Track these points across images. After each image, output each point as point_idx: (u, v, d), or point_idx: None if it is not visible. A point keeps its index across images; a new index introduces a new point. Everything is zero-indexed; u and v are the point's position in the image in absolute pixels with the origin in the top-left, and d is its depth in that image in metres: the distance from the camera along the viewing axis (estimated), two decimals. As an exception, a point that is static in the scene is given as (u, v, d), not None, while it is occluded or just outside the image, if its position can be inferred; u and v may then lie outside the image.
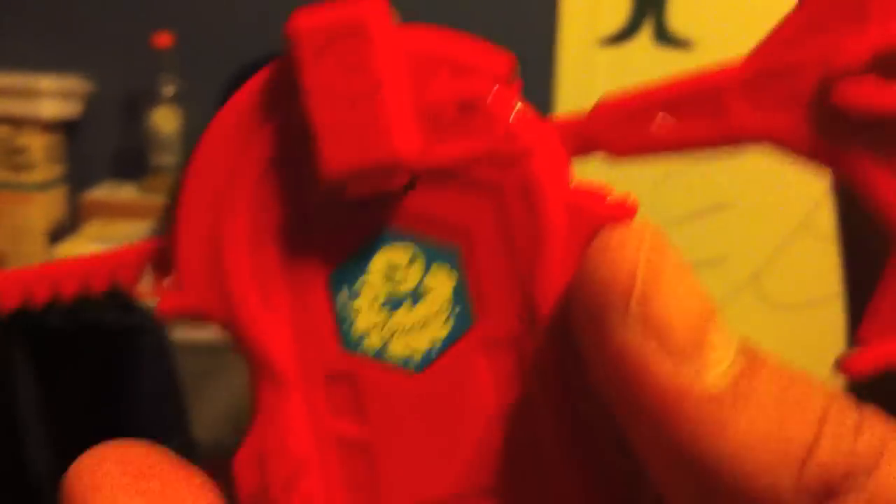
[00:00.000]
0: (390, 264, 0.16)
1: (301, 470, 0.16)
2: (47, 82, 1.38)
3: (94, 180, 1.43)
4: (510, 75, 0.16)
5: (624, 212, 0.16)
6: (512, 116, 0.16)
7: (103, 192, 1.41)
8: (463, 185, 0.16)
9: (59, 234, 1.38)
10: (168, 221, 0.17)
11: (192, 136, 1.34)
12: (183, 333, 1.17)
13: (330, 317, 0.17)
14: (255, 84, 0.17)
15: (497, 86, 0.16)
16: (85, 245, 1.32)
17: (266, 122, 0.16)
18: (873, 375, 0.16)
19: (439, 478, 0.16)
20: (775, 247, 1.40)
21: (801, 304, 1.39)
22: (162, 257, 0.17)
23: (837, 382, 0.16)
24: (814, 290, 1.36)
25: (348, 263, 0.17)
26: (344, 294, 0.17)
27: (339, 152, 0.16)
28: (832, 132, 0.16)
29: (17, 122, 1.37)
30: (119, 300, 1.13)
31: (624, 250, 0.15)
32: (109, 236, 1.34)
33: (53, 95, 1.39)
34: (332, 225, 0.17)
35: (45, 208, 1.38)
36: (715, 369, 0.14)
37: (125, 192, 1.42)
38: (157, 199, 1.33)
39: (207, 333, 1.20)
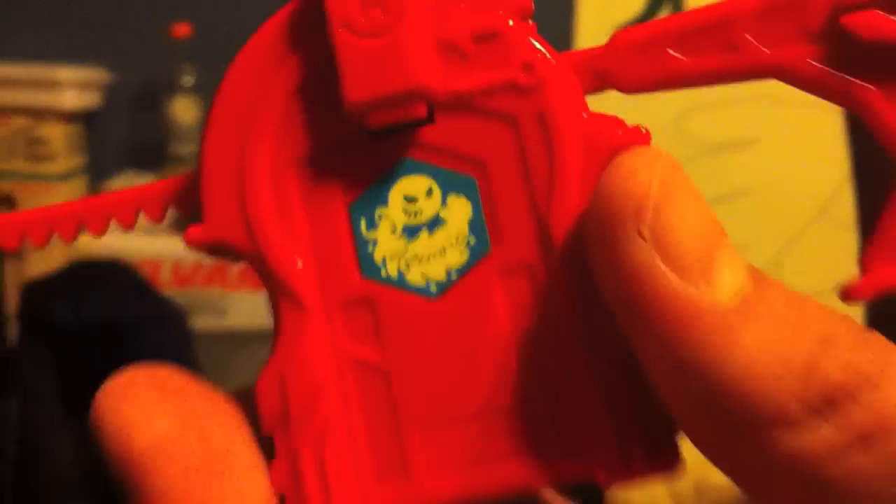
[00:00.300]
0: (408, 194, 0.17)
1: (321, 392, 0.17)
2: (67, 73, 1.38)
3: (114, 171, 1.43)
4: (528, 10, 0.17)
5: (638, 139, 0.16)
6: (528, 49, 0.17)
7: (123, 183, 1.41)
8: (479, 117, 0.17)
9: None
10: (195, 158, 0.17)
11: (210, 127, 1.35)
12: (203, 322, 1.17)
13: (350, 245, 0.17)
14: (280, 17, 0.17)
15: (514, 19, 0.17)
16: (106, 236, 1.32)
17: (291, 55, 0.17)
18: (874, 300, 0.16)
19: (454, 400, 0.17)
20: (794, 234, 1.40)
21: (820, 292, 1.39)
22: (185, 193, 0.18)
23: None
24: (832, 277, 1.36)
25: (368, 194, 0.17)
26: (363, 223, 0.17)
27: (362, 81, 0.16)
28: (840, 64, 0.16)
29: (37, 113, 1.38)
30: (139, 289, 1.13)
31: (637, 172, 0.15)
32: (129, 226, 1.35)
33: (73, 86, 1.39)
34: (353, 157, 0.17)
35: (66, 198, 1.38)
36: (723, 286, 0.15)
37: (144, 183, 1.42)
38: (177, 189, 1.33)
39: (228, 322, 1.20)
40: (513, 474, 0.17)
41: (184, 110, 1.40)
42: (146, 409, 0.16)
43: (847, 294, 0.17)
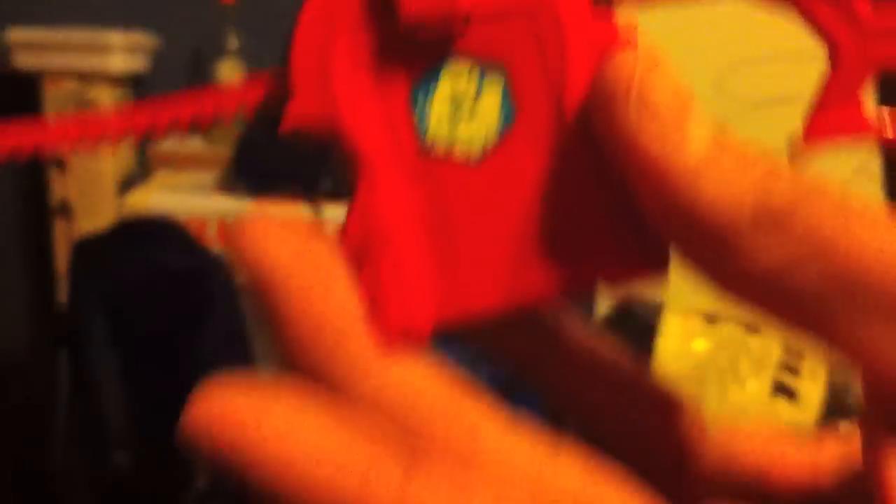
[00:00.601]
0: (455, 83, 0.22)
1: (392, 229, 0.21)
2: (116, 37, 1.42)
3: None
4: None
5: (628, 35, 0.21)
6: None
7: (171, 144, 1.45)
8: (506, 25, 0.21)
9: (128, 184, 1.43)
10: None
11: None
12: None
13: (410, 123, 0.22)
14: None
15: None
16: (154, 194, 1.36)
17: None
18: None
19: (493, 233, 0.21)
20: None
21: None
22: (278, 87, 0.22)
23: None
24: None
25: (422, 84, 0.22)
26: (420, 107, 0.22)
27: (413, 3, 0.21)
28: None
29: (87, 77, 1.42)
30: (186, 245, 1.16)
31: (626, 59, 0.20)
32: (177, 185, 1.38)
33: (122, 50, 1.43)
34: (410, 55, 0.22)
35: (116, 160, 1.42)
36: (693, 141, 0.19)
37: (192, 144, 1.45)
38: (223, 150, 1.36)
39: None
40: (540, 280, 0.21)
41: (229, 74, 1.43)
42: (273, 241, 0.20)
43: (799, 144, 0.21)
